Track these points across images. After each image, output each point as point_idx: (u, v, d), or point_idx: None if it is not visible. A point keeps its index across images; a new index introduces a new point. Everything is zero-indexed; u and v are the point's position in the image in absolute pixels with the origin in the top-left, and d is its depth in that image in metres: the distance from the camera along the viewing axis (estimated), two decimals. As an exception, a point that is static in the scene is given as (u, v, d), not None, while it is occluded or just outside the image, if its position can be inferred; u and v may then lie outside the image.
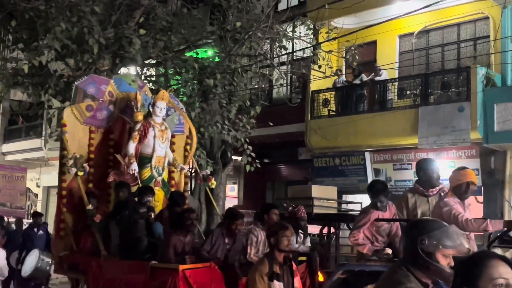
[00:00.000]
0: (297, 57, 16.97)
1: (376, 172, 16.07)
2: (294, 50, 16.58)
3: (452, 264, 3.04)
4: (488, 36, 15.18)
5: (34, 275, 11.00)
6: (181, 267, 7.24)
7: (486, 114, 13.77)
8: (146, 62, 13.02)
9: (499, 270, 2.28)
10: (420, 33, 16.63)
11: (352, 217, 10.11)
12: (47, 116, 13.52)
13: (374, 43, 17.16)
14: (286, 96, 17.81)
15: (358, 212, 12.00)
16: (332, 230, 11.19)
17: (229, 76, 13.33)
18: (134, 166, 9.23)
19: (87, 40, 11.36)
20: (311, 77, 15.42)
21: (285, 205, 10.98)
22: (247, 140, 13.94)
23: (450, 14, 15.67)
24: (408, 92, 15.56)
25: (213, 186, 10.79)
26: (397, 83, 15.98)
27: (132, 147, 9.34)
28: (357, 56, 14.65)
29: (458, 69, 15.04)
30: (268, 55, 14.30)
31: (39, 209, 23.31)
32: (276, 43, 14.10)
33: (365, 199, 15.77)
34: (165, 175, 9.83)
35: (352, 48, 14.36)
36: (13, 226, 14.99)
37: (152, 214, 8.81)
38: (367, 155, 16.16)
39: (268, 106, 15.43)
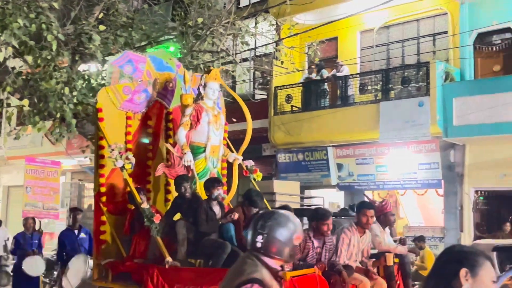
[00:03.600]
0: (260, 53, 16.98)
1: (339, 167, 16.22)
2: (257, 46, 16.59)
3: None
4: (446, 32, 15.44)
5: None
6: (288, 274, 6.09)
7: (445, 109, 14.00)
8: (107, 58, 12.84)
9: (492, 269, 2.46)
10: (381, 29, 16.81)
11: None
12: (6, 114, 13.23)
13: (335, 39, 17.30)
14: (250, 92, 17.80)
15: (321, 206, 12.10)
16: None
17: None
18: (189, 157, 7.89)
19: (45, 36, 11.12)
20: (274, 73, 15.47)
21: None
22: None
23: (409, 10, 15.91)
24: (369, 88, 15.72)
25: (259, 179, 9.38)
26: (358, 78, 16.13)
27: (183, 135, 8.01)
28: (319, 52, 14.73)
29: (418, 65, 15.25)
30: (231, 51, 14.27)
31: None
32: (238, 39, 14.09)
33: (327, 194, 15.99)
34: (219, 167, 8.59)
35: (314, 44, 14.44)
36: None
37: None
38: (330, 150, 16.28)
39: (231, 103, 15.41)
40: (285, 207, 6.96)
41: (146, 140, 8.83)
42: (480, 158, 14.23)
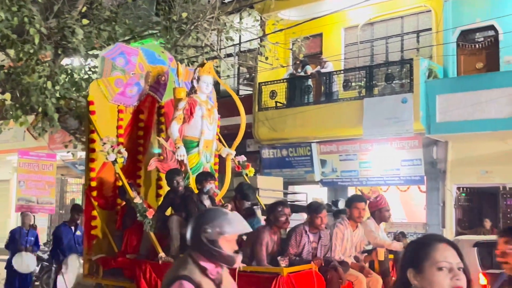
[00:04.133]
0: (244, 49, 16.96)
1: (323, 163, 16.27)
2: (241, 41, 16.56)
3: (236, 248, 3.34)
4: (430, 29, 15.53)
5: None
6: (285, 270, 5.99)
7: (428, 106, 14.09)
8: (90, 53, 12.75)
9: (444, 253, 2.32)
10: (365, 25, 16.86)
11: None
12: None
13: (320, 35, 17.34)
14: (234, 88, 17.78)
15: (304, 202, 12.14)
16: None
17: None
18: (182, 151, 7.75)
19: (28, 30, 11.02)
20: (258, 68, 15.46)
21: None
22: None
23: (393, 7, 15.97)
24: (353, 84, 15.76)
25: (251, 174, 9.32)
26: (342, 75, 16.17)
27: (176, 129, 7.87)
28: (303, 48, 14.74)
29: (401, 61, 15.33)
30: (215, 47, 14.23)
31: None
32: (223, 34, 14.04)
33: (310, 190, 16.03)
34: (213, 162, 8.46)
35: (299, 40, 14.44)
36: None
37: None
38: (314, 146, 16.31)
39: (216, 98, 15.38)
40: (281, 203, 6.86)
41: (137, 135, 8.70)
42: (462, 155, 14.35)
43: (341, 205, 9.90)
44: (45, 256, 13.23)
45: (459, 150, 14.41)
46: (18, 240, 11.75)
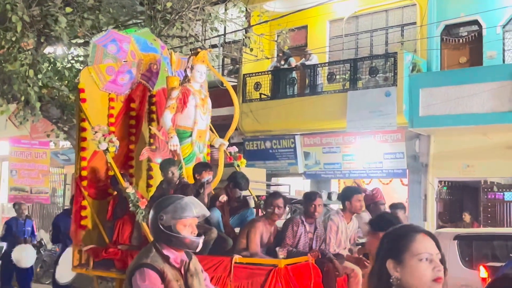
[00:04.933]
0: (229, 40, 16.90)
1: (306, 155, 16.30)
2: (226, 32, 16.50)
3: (196, 232, 3.39)
4: (415, 23, 15.59)
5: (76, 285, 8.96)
6: (283, 262, 5.93)
7: (411, 99, 14.15)
8: (73, 41, 12.62)
9: (424, 244, 2.31)
10: (350, 18, 16.88)
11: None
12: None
13: (305, 27, 17.33)
14: (218, 79, 17.71)
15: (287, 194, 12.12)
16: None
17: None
18: (175, 141, 7.62)
19: (10, 17, 10.87)
20: (243, 60, 15.42)
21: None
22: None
23: (379, 0, 16.01)
24: (337, 77, 15.78)
25: (243, 166, 9.16)
26: (327, 67, 16.19)
27: (169, 118, 7.74)
28: (288, 40, 14.71)
29: (385, 55, 15.37)
30: (200, 37, 14.17)
31: None
32: (208, 25, 13.97)
33: (293, 182, 16.06)
34: (206, 152, 8.40)
35: (284, 32, 14.41)
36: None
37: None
38: (297, 138, 16.33)
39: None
40: (277, 194, 6.86)
41: (128, 123, 8.54)
42: (444, 149, 14.44)
43: (324, 197, 9.91)
44: None
45: (441, 144, 14.51)
46: (16, 231, 11.38)
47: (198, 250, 3.48)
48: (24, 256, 11.03)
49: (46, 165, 14.12)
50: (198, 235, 3.44)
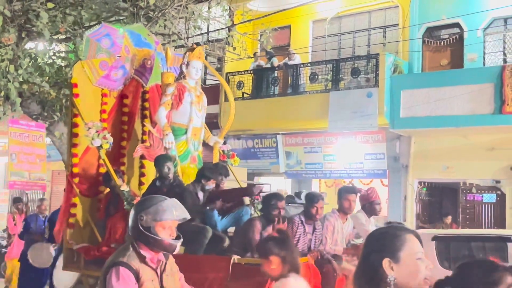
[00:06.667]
0: (212, 38, 16.87)
1: (288, 154, 16.33)
2: (209, 30, 16.48)
3: (174, 235, 3.41)
4: (397, 25, 15.69)
5: None
6: None
7: (393, 100, 14.25)
8: (55, 37, 12.50)
9: (417, 243, 2.36)
10: (333, 19, 16.94)
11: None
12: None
13: (288, 27, 17.36)
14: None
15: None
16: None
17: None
18: (171, 138, 7.47)
19: (-10, 12, 10.77)
20: (226, 58, 15.40)
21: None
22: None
23: (361, 2, 16.09)
24: (319, 77, 15.84)
25: (237, 164, 9.13)
26: (309, 67, 16.24)
27: (164, 115, 7.55)
28: (271, 40, 14.73)
29: (368, 56, 15.44)
30: (183, 35, 14.12)
31: None
32: (191, 22, 13.93)
33: (275, 181, 16.09)
34: (200, 150, 8.21)
35: (267, 31, 14.42)
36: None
37: None
38: (279, 138, 16.37)
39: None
40: (275, 196, 6.76)
41: (121, 120, 8.34)
42: (424, 150, 14.57)
43: (303, 197, 9.89)
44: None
45: (421, 145, 14.63)
46: (34, 228, 10.58)
47: (175, 252, 3.49)
48: (39, 254, 9.75)
49: (43, 149, 13.08)
50: (177, 237, 3.45)
